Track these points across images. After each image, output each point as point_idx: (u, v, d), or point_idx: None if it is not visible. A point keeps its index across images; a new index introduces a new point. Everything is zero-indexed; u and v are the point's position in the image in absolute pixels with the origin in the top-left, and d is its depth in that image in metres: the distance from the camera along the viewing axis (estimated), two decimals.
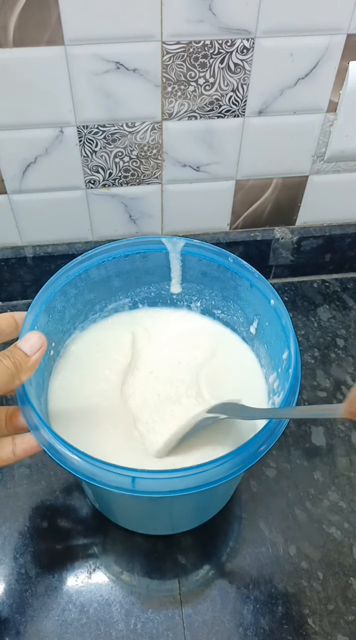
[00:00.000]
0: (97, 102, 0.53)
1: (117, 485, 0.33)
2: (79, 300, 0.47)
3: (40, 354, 0.36)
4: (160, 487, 0.33)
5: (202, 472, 0.33)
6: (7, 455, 0.36)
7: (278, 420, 0.36)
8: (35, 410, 0.36)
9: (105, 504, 0.48)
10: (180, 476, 0.33)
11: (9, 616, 0.45)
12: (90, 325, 0.50)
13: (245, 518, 0.51)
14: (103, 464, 0.33)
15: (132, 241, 0.46)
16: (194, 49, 0.51)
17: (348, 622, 0.45)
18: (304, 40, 0.52)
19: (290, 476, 0.53)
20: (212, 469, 0.33)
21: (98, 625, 0.45)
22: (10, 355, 0.35)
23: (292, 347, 0.39)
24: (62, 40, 0.49)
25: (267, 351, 0.46)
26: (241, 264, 0.45)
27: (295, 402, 0.37)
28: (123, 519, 0.49)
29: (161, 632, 0.45)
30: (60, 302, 0.45)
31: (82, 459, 0.34)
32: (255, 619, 0.45)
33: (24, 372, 0.35)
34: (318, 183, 0.64)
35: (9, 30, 0.48)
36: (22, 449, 0.36)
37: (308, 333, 0.66)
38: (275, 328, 0.43)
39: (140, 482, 0.33)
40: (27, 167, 0.58)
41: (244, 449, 0.34)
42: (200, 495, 0.33)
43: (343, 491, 0.52)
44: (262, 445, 0.35)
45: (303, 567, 0.48)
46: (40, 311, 0.41)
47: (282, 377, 0.41)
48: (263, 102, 0.56)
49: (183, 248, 0.47)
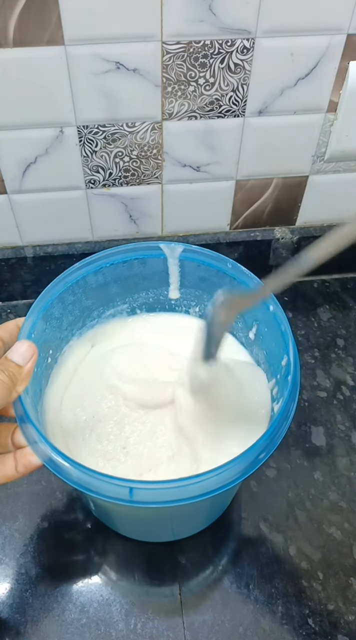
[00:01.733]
0: (97, 102, 0.53)
1: (114, 496, 0.32)
2: (77, 307, 0.47)
3: (32, 363, 0.36)
4: (158, 497, 0.32)
5: (200, 482, 0.32)
6: (10, 472, 0.36)
7: (277, 428, 0.35)
8: (34, 425, 0.35)
9: (105, 514, 0.48)
10: (178, 486, 0.32)
11: (9, 616, 0.45)
12: (88, 332, 0.50)
13: (245, 518, 0.51)
14: (100, 475, 0.33)
15: (129, 247, 0.46)
16: (194, 49, 0.51)
17: (348, 622, 0.45)
18: (304, 40, 0.52)
19: (290, 476, 0.53)
20: (210, 479, 0.33)
21: (99, 625, 0.45)
22: (4, 368, 0.34)
23: (291, 354, 0.39)
24: (62, 40, 0.49)
25: (265, 357, 0.46)
26: (240, 269, 0.44)
27: (293, 410, 0.37)
28: (122, 528, 0.49)
29: (161, 632, 0.45)
30: (57, 310, 0.44)
31: (80, 470, 0.33)
32: (255, 619, 0.45)
33: (20, 383, 0.35)
34: (318, 183, 0.64)
35: (9, 30, 0.48)
36: (22, 464, 0.36)
37: (308, 333, 0.66)
38: (274, 334, 0.42)
39: (138, 492, 0.32)
40: (27, 167, 0.58)
41: (243, 458, 0.34)
42: (199, 503, 0.33)
43: (343, 491, 0.52)
44: (261, 453, 0.34)
45: (303, 567, 0.48)
46: (38, 319, 0.41)
47: (281, 384, 0.41)
48: (263, 102, 0.56)
49: (182, 253, 0.46)
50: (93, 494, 0.33)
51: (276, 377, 0.43)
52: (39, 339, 0.41)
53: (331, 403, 0.59)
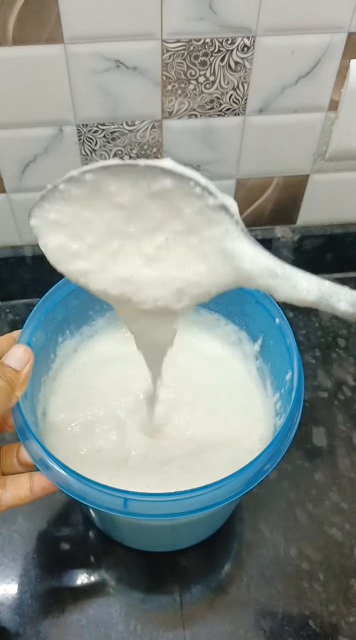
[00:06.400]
0: (97, 100, 0.53)
1: (109, 507, 0.32)
2: (80, 311, 0.46)
3: (29, 367, 0.36)
4: (154, 510, 0.32)
5: (200, 496, 0.32)
6: (24, 494, 0.35)
7: (283, 438, 0.35)
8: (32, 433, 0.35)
9: (106, 525, 0.48)
10: (177, 499, 0.32)
11: (8, 617, 0.45)
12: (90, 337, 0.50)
13: (246, 519, 0.50)
14: (95, 485, 0.32)
15: None
16: (195, 48, 0.50)
17: (349, 623, 0.45)
18: (305, 39, 0.51)
19: (291, 477, 0.53)
20: (211, 492, 0.32)
21: (98, 627, 0.45)
22: (1, 374, 0.34)
23: (296, 370, 0.38)
24: (62, 38, 0.49)
25: (271, 370, 0.45)
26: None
27: (296, 428, 0.36)
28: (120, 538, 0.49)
29: (161, 633, 0.44)
30: (60, 314, 0.44)
31: (75, 478, 0.33)
32: (255, 621, 0.45)
33: (19, 389, 0.35)
34: (319, 182, 0.64)
35: (9, 28, 0.47)
36: (40, 487, 0.35)
37: (310, 333, 0.66)
38: (280, 348, 0.41)
39: (132, 503, 0.32)
40: (27, 166, 0.57)
41: (246, 471, 0.33)
42: (200, 516, 0.32)
43: (344, 492, 0.52)
44: (266, 464, 0.33)
45: (304, 569, 0.48)
46: (40, 322, 0.41)
47: (285, 399, 0.40)
48: (264, 101, 0.55)
49: None
50: (90, 504, 0.32)
51: (281, 392, 0.42)
52: (39, 343, 0.41)
53: (333, 404, 0.59)
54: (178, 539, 0.48)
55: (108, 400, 0.46)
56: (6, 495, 0.35)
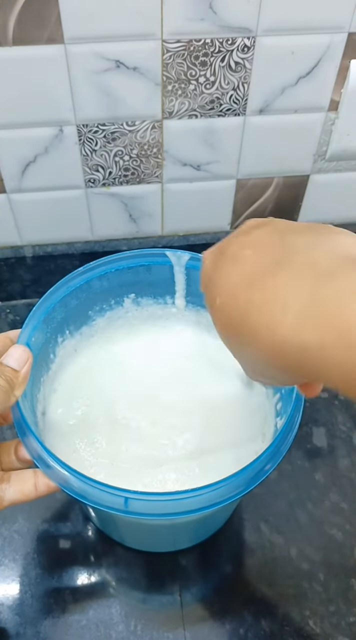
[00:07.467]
0: (97, 100, 0.53)
1: (109, 506, 0.32)
2: (79, 311, 0.46)
3: (28, 367, 0.36)
4: (155, 510, 0.32)
5: (200, 496, 0.32)
6: (28, 489, 0.35)
7: (283, 438, 0.35)
8: (31, 430, 0.35)
9: (105, 525, 0.48)
10: (177, 499, 0.31)
11: (8, 617, 0.45)
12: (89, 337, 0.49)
13: (246, 519, 0.50)
14: (95, 483, 0.32)
15: (135, 253, 0.45)
16: (195, 48, 0.50)
17: (349, 623, 0.45)
18: (305, 39, 0.51)
19: (291, 477, 0.53)
20: (211, 492, 0.32)
21: (98, 627, 0.45)
22: (0, 373, 0.34)
23: None
24: (62, 38, 0.49)
25: None
26: None
27: (296, 428, 0.36)
28: (120, 538, 0.48)
29: (161, 633, 0.44)
30: (59, 313, 0.44)
31: (76, 477, 0.32)
32: (255, 621, 0.45)
33: (17, 388, 0.35)
34: (319, 182, 0.64)
35: (9, 28, 0.47)
36: (44, 483, 0.35)
37: None
38: None
39: (133, 503, 0.32)
40: (27, 166, 0.57)
41: (246, 471, 0.33)
42: (200, 516, 0.32)
43: (344, 492, 0.52)
44: (267, 465, 0.33)
45: (304, 569, 0.48)
46: (39, 322, 0.41)
47: (285, 399, 0.40)
48: (264, 101, 0.55)
49: (188, 262, 0.45)
50: (90, 502, 0.32)
51: (281, 392, 0.42)
52: (39, 342, 0.41)
53: (333, 404, 0.59)
54: (178, 538, 0.48)
55: (108, 399, 0.46)
56: (9, 490, 0.35)
